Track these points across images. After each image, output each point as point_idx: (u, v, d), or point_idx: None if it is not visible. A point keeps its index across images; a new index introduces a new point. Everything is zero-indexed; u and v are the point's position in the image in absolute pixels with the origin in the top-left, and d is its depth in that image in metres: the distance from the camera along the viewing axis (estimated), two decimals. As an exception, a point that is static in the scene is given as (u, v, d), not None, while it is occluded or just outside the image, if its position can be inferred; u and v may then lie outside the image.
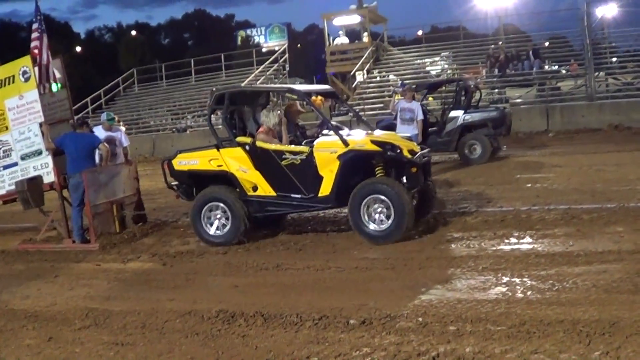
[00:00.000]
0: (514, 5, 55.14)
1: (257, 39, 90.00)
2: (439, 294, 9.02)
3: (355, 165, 12.45)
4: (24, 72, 14.49)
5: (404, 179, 12.42)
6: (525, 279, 9.34)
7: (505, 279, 9.42)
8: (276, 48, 51.73)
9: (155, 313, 9.28)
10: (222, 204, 13.04)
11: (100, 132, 16.20)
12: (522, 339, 7.16)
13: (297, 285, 10.18)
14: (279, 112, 13.62)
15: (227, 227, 13.03)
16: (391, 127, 19.35)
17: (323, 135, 13.48)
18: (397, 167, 12.61)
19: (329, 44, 47.17)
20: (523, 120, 31.35)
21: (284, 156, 12.76)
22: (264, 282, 10.55)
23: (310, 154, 12.57)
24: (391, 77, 42.21)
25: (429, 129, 21.53)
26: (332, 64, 46.32)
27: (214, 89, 14.16)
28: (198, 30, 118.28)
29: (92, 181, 14.22)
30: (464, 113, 22.50)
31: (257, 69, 45.33)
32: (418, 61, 44.39)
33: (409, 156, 12.37)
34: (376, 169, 12.50)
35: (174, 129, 41.73)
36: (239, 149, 13.07)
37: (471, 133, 22.46)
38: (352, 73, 40.89)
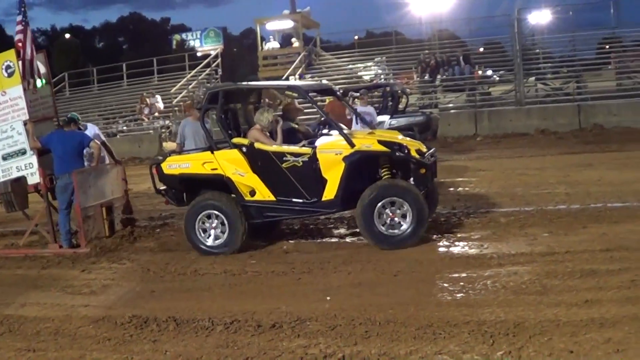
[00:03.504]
0: (450, 10, 55.52)
1: (192, 43, 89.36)
2: (351, 297, 9.10)
3: (361, 167, 11.96)
4: (7, 67, 13.77)
5: (412, 180, 12.00)
6: (437, 281, 9.50)
7: (417, 282, 9.56)
8: (212, 52, 51.48)
9: (69, 319, 9.23)
10: (217, 212, 12.25)
11: None
12: (427, 340, 7.28)
13: (212, 290, 10.19)
14: (273, 111, 13.16)
15: (224, 236, 12.25)
16: None
17: (323, 135, 13.03)
18: (403, 168, 12.22)
19: (261, 48, 47.12)
20: (452, 124, 31.67)
21: (284, 158, 12.04)
22: (180, 288, 10.52)
23: (314, 155, 11.90)
24: (324, 82, 42.19)
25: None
26: (264, 68, 46.17)
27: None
28: (133, 33, 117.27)
29: (82, 182, 13.49)
30: (390, 118, 22.65)
31: (190, 73, 45.09)
32: (350, 66, 44.50)
33: (417, 157, 11.92)
34: (382, 171, 12.08)
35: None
36: (235, 151, 12.33)
37: (397, 137, 22.44)
38: (283, 78, 40.79)
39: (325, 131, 13.31)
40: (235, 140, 12.47)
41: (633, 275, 8.90)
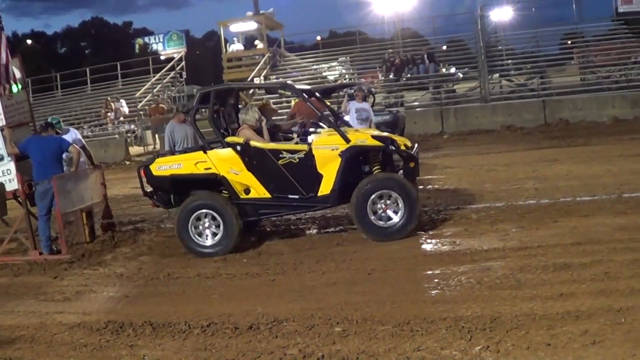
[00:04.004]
0: (412, 9, 55.67)
1: (155, 47, 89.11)
2: (326, 297, 9.12)
3: (355, 162, 12.25)
4: None
5: (401, 173, 12.24)
6: (411, 279, 9.55)
7: (392, 279, 9.59)
8: (175, 55, 51.28)
9: (44, 326, 9.17)
10: (211, 211, 12.25)
11: None
12: (405, 337, 7.31)
13: (187, 294, 10.17)
14: (256, 109, 13.18)
15: (219, 236, 12.22)
16: None
17: (313, 132, 13.15)
18: (391, 162, 12.65)
19: (226, 51, 46.99)
20: (418, 122, 31.72)
21: (280, 155, 12.15)
22: (154, 292, 10.48)
23: (309, 151, 12.06)
24: (289, 82, 42.16)
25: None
26: (229, 71, 46.04)
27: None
28: (95, 38, 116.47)
29: (62, 188, 13.23)
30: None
31: (154, 76, 44.92)
32: (315, 67, 44.53)
33: (408, 151, 12.23)
34: (373, 165, 12.33)
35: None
36: (229, 150, 12.34)
37: (365, 136, 22.39)
38: (248, 79, 40.64)
39: (312, 129, 13.34)
40: (229, 139, 12.49)
41: (605, 267, 8.98)
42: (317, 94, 14.91)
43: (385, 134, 12.87)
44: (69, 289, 11.14)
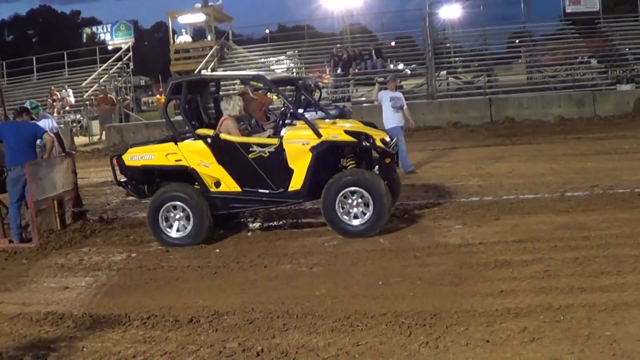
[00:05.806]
0: (364, 4, 55.69)
1: (103, 37, 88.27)
2: (267, 291, 9.10)
3: (327, 157, 12.00)
4: None
5: (376, 170, 12.09)
6: (353, 274, 9.57)
7: (333, 274, 9.62)
8: (122, 46, 50.82)
9: (-17, 317, 9.00)
10: (182, 204, 12.03)
11: None
12: (345, 332, 7.33)
13: (128, 285, 10.06)
14: (239, 99, 13.01)
15: (189, 228, 12.03)
16: None
17: (287, 125, 13.07)
18: (367, 158, 12.37)
19: (173, 42, 46.75)
20: (365, 118, 31.36)
21: (250, 149, 11.90)
22: (95, 283, 10.35)
23: (280, 146, 11.81)
24: (261, 74, 41.90)
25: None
26: (176, 62, 45.80)
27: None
28: (43, 26, 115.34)
29: (35, 175, 12.92)
30: (303, 111, 22.54)
31: (101, 66, 44.46)
32: (263, 60, 44.41)
33: (383, 146, 11.98)
34: (347, 161, 12.20)
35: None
36: (199, 142, 12.14)
37: (310, 130, 22.37)
38: (195, 72, 40.42)
39: (287, 121, 13.26)
40: (200, 131, 12.30)
41: (546, 265, 9.09)
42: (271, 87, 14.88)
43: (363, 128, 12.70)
44: (9, 279, 10.94)
